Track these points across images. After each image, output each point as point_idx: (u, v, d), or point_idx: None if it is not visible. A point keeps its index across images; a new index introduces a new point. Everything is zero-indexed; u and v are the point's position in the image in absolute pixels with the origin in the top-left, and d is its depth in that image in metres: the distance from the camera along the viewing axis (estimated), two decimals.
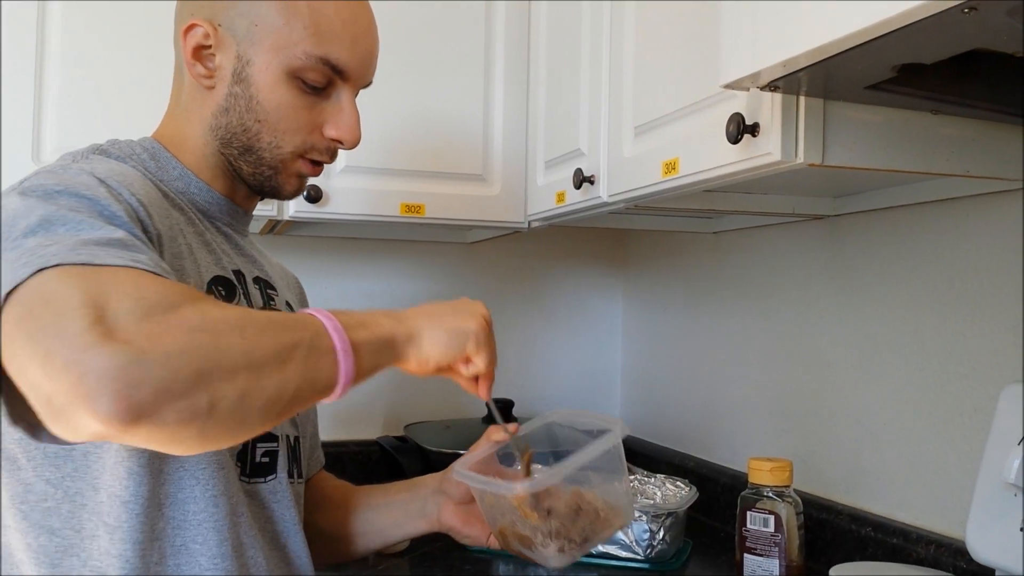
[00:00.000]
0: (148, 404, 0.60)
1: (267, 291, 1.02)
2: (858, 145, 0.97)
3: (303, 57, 0.90)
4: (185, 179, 0.96)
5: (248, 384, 0.66)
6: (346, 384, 0.75)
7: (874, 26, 0.68)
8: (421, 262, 2.02)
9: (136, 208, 0.79)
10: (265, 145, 0.93)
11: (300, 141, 0.94)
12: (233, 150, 0.95)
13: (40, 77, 1.43)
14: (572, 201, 1.45)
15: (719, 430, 1.74)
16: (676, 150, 1.14)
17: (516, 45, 1.68)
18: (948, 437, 1.20)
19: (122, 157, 0.92)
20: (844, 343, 1.40)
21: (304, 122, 0.93)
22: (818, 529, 1.36)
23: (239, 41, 0.92)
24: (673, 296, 1.93)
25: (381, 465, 1.85)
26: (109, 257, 0.67)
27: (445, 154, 1.64)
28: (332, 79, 0.93)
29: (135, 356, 0.60)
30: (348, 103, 0.95)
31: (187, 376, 0.62)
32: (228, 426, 0.66)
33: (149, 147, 0.96)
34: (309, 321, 0.74)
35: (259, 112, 0.92)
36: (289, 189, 0.98)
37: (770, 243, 1.59)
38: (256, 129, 0.93)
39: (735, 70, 0.85)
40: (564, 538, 0.89)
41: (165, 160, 0.95)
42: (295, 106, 0.92)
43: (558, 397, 2.12)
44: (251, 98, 0.92)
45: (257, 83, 0.91)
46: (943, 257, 1.22)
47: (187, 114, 0.97)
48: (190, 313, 0.65)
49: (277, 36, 0.90)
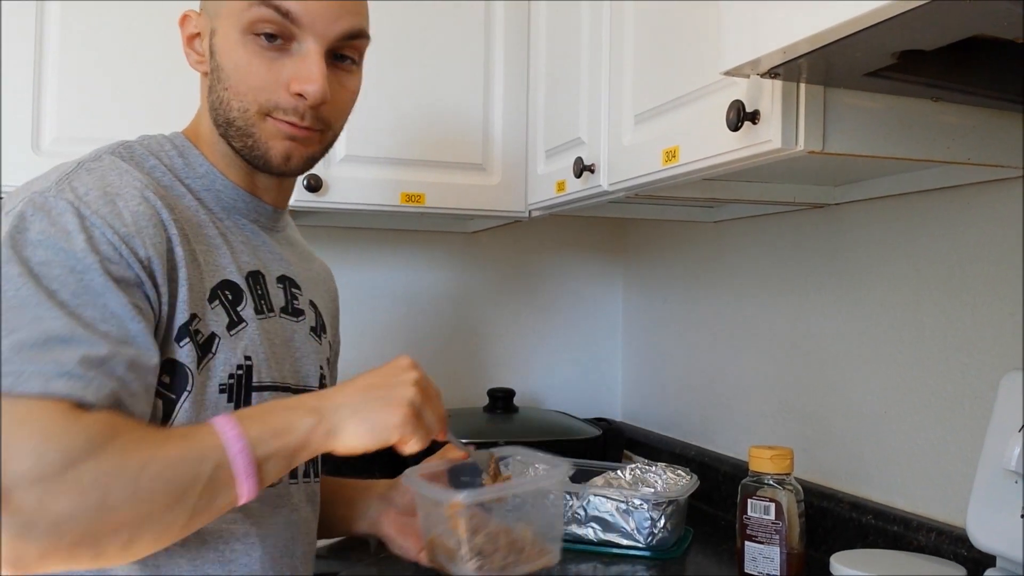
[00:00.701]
0: (34, 563, 0.69)
1: (291, 290, 1.02)
2: (858, 132, 0.96)
3: (249, 8, 0.89)
4: (210, 177, 0.96)
5: (134, 532, 0.73)
6: (250, 497, 0.78)
7: (874, 12, 0.68)
8: (421, 251, 2.02)
9: (117, 246, 0.80)
10: (236, 114, 0.92)
11: (264, 99, 0.91)
12: (221, 127, 0.94)
13: (39, 67, 1.43)
14: (572, 190, 1.45)
15: (720, 418, 1.74)
16: (676, 138, 1.13)
17: (516, 33, 1.67)
18: (949, 424, 1.20)
19: (144, 156, 0.93)
20: (844, 331, 1.40)
21: (263, 79, 0.90)
22: (819, 517, 1.37)
23: (211, 17, 0.94)
24: (674, 285, 1.93)
25: (382, 454, 1.85)
26: (33, 380, 0.71)
27: (445, 143, 1.63)
28: (287, 29, 0.90)
29: (22, 527, 0.67)
30: (310, 56, 0.91)
31: (72, 539, 0.69)
32: (117, 560, 0.74)
33: (180, 144, 0.97)
34: (213, 448, 0.76)
35: (225, 80, 0.92)
36: (275, 155, 0.94)
37: (770, 232, 1.59)
38: (227, 98, 0.92)
39: (735, 57, 0.84)
40: (485, 558, 0.90)
41: (193, 157, 0.96)
42: (251, 63, 0.90)
43: (558, 386, 2.12)
44: (219, 67, 0.92)
45: (220, 50, 0.92)
46: (944, 245, 1.22)
47: (201, 106, 0.99)
48: (86, 469, 0.70)
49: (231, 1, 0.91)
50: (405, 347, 1.99)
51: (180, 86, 1.44)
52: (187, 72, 1.00)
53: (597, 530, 1.35)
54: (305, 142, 0.95)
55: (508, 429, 1.75)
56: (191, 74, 1.00)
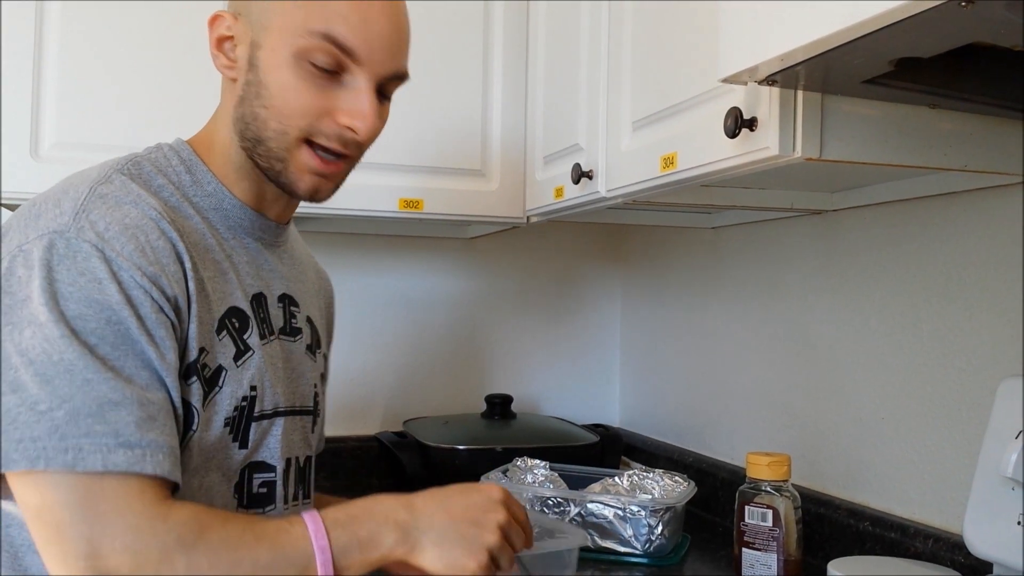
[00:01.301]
0: None
1: (290, 308, 1.02)
2: (856, 139, 0.97)
3: (307, 35, 0.87)
4: (218, 195, 0.95)
5: None
6: None
7: (871, 20, 0.68)
8: (420, 257, 2.02)
9: (148, 288, 0.81)
10: (272, 134, 0.90)
11: (307, 124, 0.90)
12: (248, 142, 0.92)
13: (38, 70, 1.42)
14: (570, 196, 1.45)
15: (717, 425, 1.74)
16: (674, 145, 1.14)
17: (515, 40, 1.68)
18: (946, 431, 1.20)
19: (152, 174, 0.91)
20: (842, 338, 1.40)
21: (310, 106, 0.89)
22: (816, 523, 1.37)
23: (253, 27, 0.90)
24: (672, 291, 1.93)
25: (380, 461, 1.85)
26: (94, 454, 0.74)
27: (444, 149, 1.63)
28: (342, 62, 0.89)
29: None
30: (363, 89, 0.90)
31: None
32: None
33: (186, 157, 0.95)
34: (301, 554, 0.78)
35: (266, 97, 0.90)
36: (303, 187, 0.94)
37: (768, 238, 1.59)
38: (264, 116, 0.90)
39: (733, 64, 0.85)
40: None
41: (201, 173, 0.94)
42: (300, 89, 0.89)
43: (556, 392, 2.12)
44: (260, 83, 0.90)
45: (265, 67, 0.89)
46: (941, 252, 1.22)
47: (222, 110, 0.96)
48: (179, 567, 0.73)
49: (284, 17, 0.88)
50: (403, 353, 1.99)
51: (182, 91, 1.45)
52: (189, 77, 0.99)
53: (595, 536, 1.35)
54: (332, 177, 0.95)
55: (506, 435, 1.75)
56: (193, 78, 0.99)
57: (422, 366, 2.01)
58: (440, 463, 1.66)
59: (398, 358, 1.99)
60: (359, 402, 1.94)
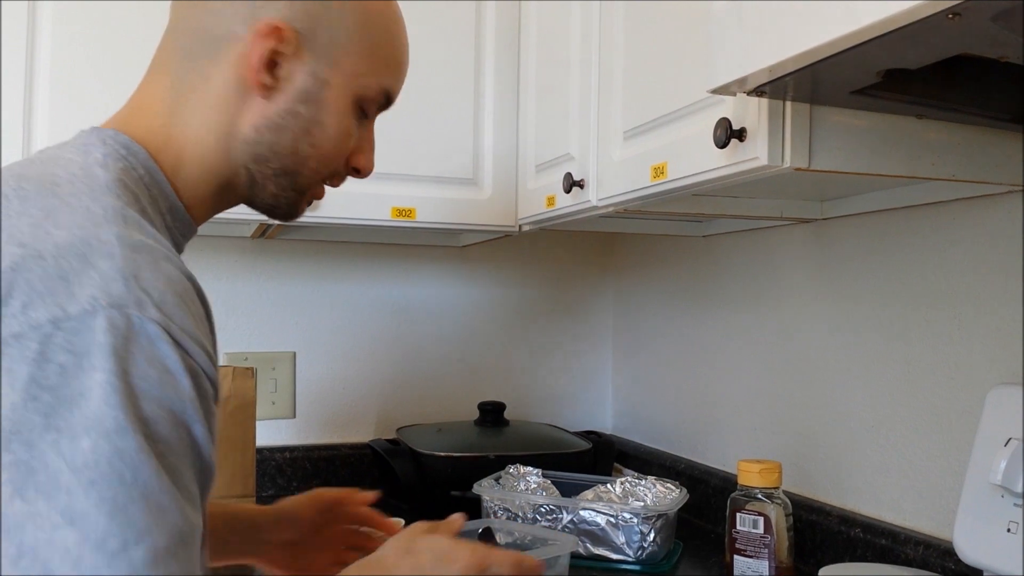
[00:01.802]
0: None
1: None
2: (844, 150, 0.97)
3: (374, 87, 0.85)
4: (185, 223, 0.82)
5: None
6: None
7: (860, 31, 0.68)
8: (412, 265, 2.02)
9: (211, 375, 0.67)
10: (309, 172, 0.84)
11: (335, 168, 0.87)
12: (267, 168, 0.83)
13: (30, 69, 1.41)
14: (562, 205, 1.46)
15: (709, 432, 1.75)
16: (664, 154, 1.14)
17: (506, 48, 1.68)
18: (936, 438, 1.21)
19: (146, 203, 0.75)
20: (832, 345, 1.41)
21: (348, 150, 0.87)
22: (807, 530, 1.37)
23: (317, 57, 0.81)
24: (663, 299, 1.94)
25: (373, 468, 1.85)
26: None
27: (436, 158, 1.64)
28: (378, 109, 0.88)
29: None
30: (371, 133, 0.90)
31: None
32: None
33: (150, 180, 0.78)
34: None
35: (318, 137, 0.83)
36: (300, 213, 0.89)
37: (759, 246, 1.60)
38: (307, 154, 0.83)
39: (722, 75, 0.85)
40: None
41: (172, 202, 0.80)
42: (350, 135, 0.85)
43: (549, 399, 2.12)
44: (317, 123, 0.82)
45: (328, 108, 0.82)
46: (930, 260, 1.23)
47: (203, 117, 0.80)
48: None
49: (357, 61, 0.83)
50: (396, 361, 1.99)
51: None
52: None
53: (587, 544, 1.36)
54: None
55: (498, 443, 1.75)
56: None
57: (415, 374, 2.02)
58: (433, 470, 1.66)
59: (391, 366, 1.99)
60: (352, 409, 1.95)
